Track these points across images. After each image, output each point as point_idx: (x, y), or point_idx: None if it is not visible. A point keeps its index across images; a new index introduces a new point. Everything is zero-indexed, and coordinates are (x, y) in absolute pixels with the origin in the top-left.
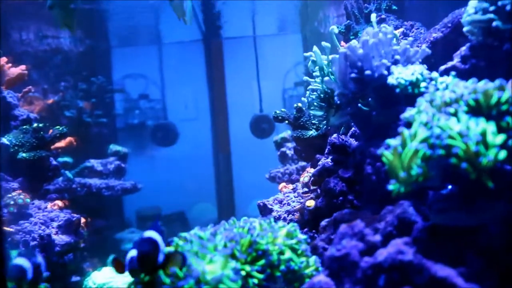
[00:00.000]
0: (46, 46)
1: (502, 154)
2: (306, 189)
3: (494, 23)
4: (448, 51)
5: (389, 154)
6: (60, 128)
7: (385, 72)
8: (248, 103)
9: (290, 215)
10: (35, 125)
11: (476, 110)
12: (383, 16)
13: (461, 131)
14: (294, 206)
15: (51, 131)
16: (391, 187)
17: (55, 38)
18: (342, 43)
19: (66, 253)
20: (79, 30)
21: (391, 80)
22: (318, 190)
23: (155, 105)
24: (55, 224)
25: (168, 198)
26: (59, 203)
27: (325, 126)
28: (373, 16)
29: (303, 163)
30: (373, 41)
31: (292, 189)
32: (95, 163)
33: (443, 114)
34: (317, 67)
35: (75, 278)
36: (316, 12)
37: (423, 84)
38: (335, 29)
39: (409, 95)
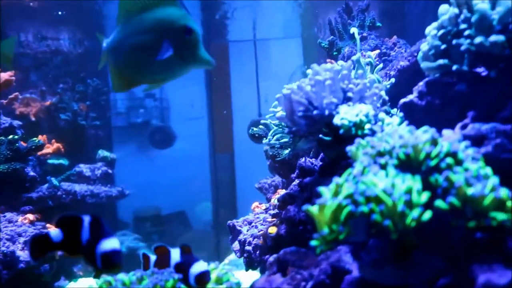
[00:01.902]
0: (45, 47)
1: (427, 215)
2: (276, 211)
3: (454, 67)
4: (414, 80)
5: (313, 210)
6: (36, 140)
7: (334, 113)
8: (254, 105)
9: (256, 239)
10: (10, 136)
11: (407, 164)
12: (364, 34)
13: (385, 188)
14: (261, 230)
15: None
16: (313, 242)
17: (54, 39)
18: (328, 60)
19: (42, 264)
20: (78, 31)
21: (336, 120)
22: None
23: (160, 104)
24: (22, 239)
25: (170, 197)
26: (30, 216)
27: (291, 152)
28: (355, 30)
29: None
30: (324, 78)
31: (264, 209)
32: (84, 168)
33: (375, 165)
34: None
35: (63, 283)
36: (316, 18)
37: (367, 126)
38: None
39: (353, 136)
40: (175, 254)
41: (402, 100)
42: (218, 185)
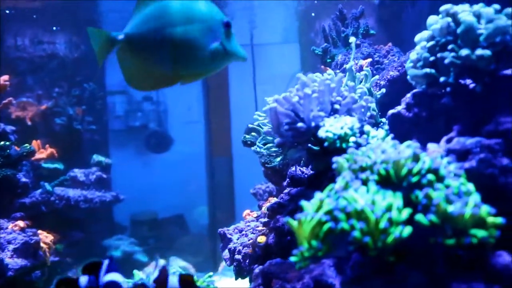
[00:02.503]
0: (41, 51)
1: (407, 231)
2: (267, 219)
3: (441, 79)
4: (404, 90)
5: (293, 224)
6: (28, 147)
7: (321, 125)
8: (252, 109)
9: (245, 248)
10: (1, 143)
11: (387, 180)
12: (358, 42)
13: (366, 205)
14: (251, 239)
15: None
16: (293, 258)
17: (50, 43)
18: (322, 67)
19: (33, 271)
20: (74, 36)
21: (320, 133)
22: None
23: (157, 107)
24: (11, 247)
25: (167, 201)
26: (21, 223)
27: (282, 161)
28: (353, 39)
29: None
30: (312, 90)
31: (255, 217)
32: (79, 173)
33: (357, 180)
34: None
35: None
36: (313, 24)
37: (352, 139)
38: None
39: (338, 148)
40: (173, 280)
41: (390, 111)
42: (216, 189)
